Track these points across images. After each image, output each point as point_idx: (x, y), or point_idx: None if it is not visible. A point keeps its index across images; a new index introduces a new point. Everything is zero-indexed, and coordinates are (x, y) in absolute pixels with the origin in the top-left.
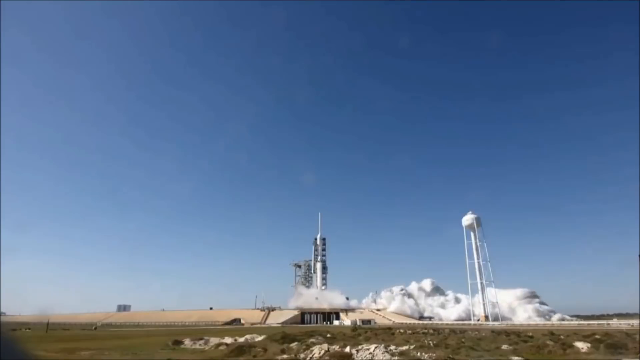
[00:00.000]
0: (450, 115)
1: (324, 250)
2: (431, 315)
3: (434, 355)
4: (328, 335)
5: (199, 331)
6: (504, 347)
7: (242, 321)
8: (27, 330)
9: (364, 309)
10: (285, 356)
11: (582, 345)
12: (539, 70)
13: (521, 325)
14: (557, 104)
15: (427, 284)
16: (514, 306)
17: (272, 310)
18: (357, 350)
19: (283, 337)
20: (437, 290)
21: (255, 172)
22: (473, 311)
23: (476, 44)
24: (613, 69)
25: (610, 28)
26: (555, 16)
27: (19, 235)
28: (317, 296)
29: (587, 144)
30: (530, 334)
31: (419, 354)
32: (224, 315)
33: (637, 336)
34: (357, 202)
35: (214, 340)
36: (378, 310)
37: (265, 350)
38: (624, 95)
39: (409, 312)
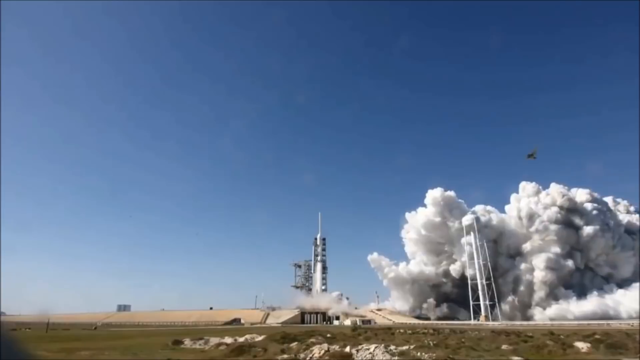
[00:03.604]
0: (451, 115)
1: (324, 250)
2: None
3: (434, 355)
4: (328, 335)
5: (199, 331)
6: (504, 347)
7: (242, 321)
8: (27, 330)
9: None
10: (285, 356)
11: (582, 345)
12: (539, 70)
13: (521, 325)
14: (558, 104)
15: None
16: None
17: (272, 310)
18: (357, 350)
19: (283, 337)
20: None
21: (256, 172)
22: (473, 311)
23: (477, 43)
24: (613, 69)
25: (610, 28)
26: (555, 16)
27: (19, 235)
28: (315, 300)
29: (587, 143)
30: (530, 334)
31: (419, 354)
32: (224, 315)
33: (637, 336)
34: (357, 202)
35: (214, 340)
36: (378, 310)
37: (265, 350)
38: (624, 95)
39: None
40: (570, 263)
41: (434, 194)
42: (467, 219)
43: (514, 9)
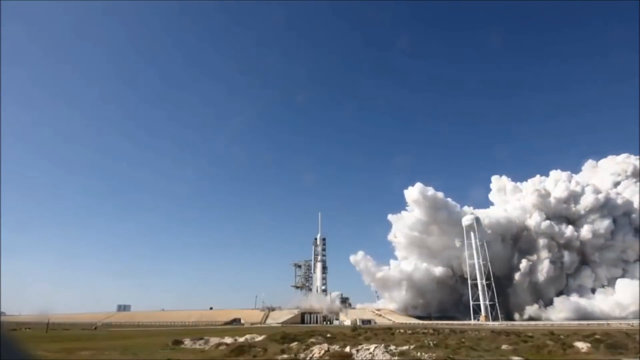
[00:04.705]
0: (452, 114)
1: (324, 250)
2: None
3: (434, 355)
4: (328, 335)
5: (199, 331)
6: (504, 347)
7: (242, 321)
8: (27, 330)
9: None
10: (285, 356)
11: (582, 345)
12: (539, 70)
13: (521, 325)
14: (557, 103)
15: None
16: None
17: (272, 310)
18: (357, 350)
19: (283, 337)
20: None
21: (256, 172)
22: (474, 311)
23: (477, 43)
24: (613, 68)
25: (610, 28)
26: (555, 16)
27: (19, 235)
28: (311, 300)
29: (587, 142)
30: (530, 334)
31: (419, 354)
32: (224, 315)
33: (637, 336)
34: (357, 202)
35: (214, 340)
36: (378, 310)
37: (265, 350)
38: (624, 95)
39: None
40: (547, 265)
41: (413, 195)
42: (467, 219)
43: (514, 9)
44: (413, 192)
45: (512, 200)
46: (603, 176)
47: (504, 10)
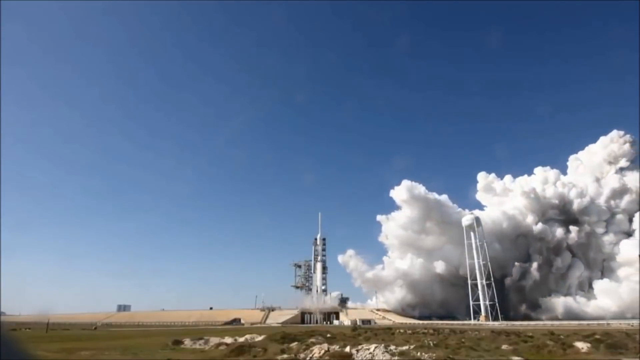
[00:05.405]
0: (452, 114)
1: (324, 250)
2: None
3: (434, 355)
4: (328, 335)
5: (199, 331)
6: (504, 347)
7: (242, 321)
8: (27, 330)
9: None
10: (285, 356)
11: (582, 345)
12: (539, 70)
13: (521, 325)
14: (557, 103)
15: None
16: None
17: (272, 310)
18: (357, 350)
19: (283, 337)
20: None
21: (256, 172)
22: (474, 311)
23: (477, 42)
24: (613, 68)
25: (610, 28)
26: (555, 16)
27: (19, 235)
28: (315, 301)
29: (586, 141)
30: (530, 334)
31: (419, 354)
32: (224, 315)
33: (637, 336)
34: (357, 202)
35: (214, 340)
36: (378, 310)
37: (265, 350)
38: (624, 94)
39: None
40: (539, 267)
41: (400, 193)
42: (467, 219)
43: (514, 9)
44: (401, 191)
45: (502, 200)
46: (588, 170)
47: (504, 10)
